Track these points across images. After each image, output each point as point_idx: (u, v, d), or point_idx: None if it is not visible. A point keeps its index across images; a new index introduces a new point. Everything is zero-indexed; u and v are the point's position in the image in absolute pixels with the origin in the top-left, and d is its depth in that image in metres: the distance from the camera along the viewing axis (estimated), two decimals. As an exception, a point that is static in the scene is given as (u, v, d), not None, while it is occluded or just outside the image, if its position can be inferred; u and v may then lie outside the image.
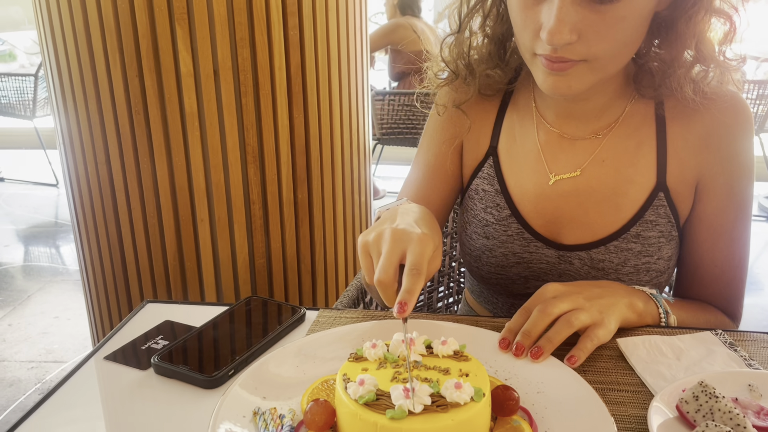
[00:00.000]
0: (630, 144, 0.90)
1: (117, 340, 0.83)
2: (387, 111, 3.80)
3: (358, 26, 1.79)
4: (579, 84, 0.79)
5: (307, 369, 0.73)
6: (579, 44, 0.75)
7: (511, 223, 0.96)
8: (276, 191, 1.66)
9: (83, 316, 2.77)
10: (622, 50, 0.79)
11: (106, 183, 1.65)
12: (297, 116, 1.63)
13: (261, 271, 1.71)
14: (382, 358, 0.65)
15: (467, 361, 0.66)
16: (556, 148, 0.94)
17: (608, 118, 0.91)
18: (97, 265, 1.78)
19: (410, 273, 0.66)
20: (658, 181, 0.90)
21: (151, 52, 1.50)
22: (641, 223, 0.90)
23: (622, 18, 0.74)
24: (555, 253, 0.95)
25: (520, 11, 0.78)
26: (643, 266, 0.91)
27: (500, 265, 0.98)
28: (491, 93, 0.98)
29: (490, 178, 0.98)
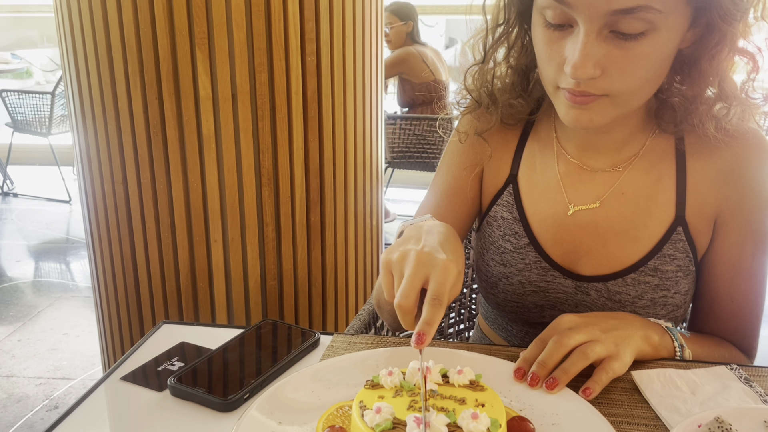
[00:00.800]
0: (650, 178, 0.91)
1: (133, 360, 0.84)
2: (398, 135, 3.83)
3: (373, 53, 1.81)
4: (601, 118, 0.80)
5: (322, 394, 0.73)
6: (602, 79, 0.75)
7: (528, 252, 0.96)
8: (289, 213, 1.68)
9: (92, 333, 2.78)
10: (645, 86, 0.79)
11: (122, 202, 1.67)
12: (312, 140, 1.65)
13: (272, 293, 1.72)
14: (399, 386, 0.65)
15: (483, 391, 0.66)
16: (576, 179, 0.94)
17: (628, 151, 0.92)
18: (110, 283, 1.80)
19: (431, 303, 0.65)
20: (677, 216, 0.90)
21: (171, 75, 1.53)
22: (659, 256, 0.90)
23: (645, 55, 0.74)
24: (572, 283, 0.95)
25: (545, 45, 0.79)
26: (660, 300, 0.91)
27: (516, 292, 0.98)
28: (513, 122, 0.98)
29: (509, 205, 0.98)
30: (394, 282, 0.70)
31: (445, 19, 7.86)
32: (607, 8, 0.71)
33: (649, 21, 0.72)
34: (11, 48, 7.76)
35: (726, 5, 0.74)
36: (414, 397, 0.64)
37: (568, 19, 0.75)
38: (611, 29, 0.73)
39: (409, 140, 3.84)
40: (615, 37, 0.74)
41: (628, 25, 0.72)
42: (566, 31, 0.76)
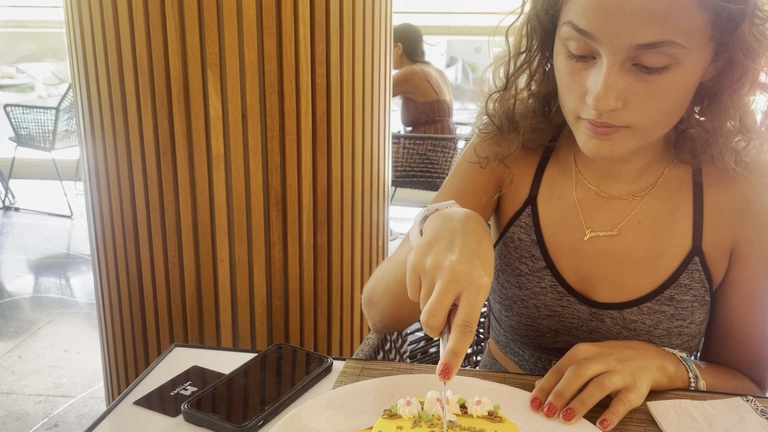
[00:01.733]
0: (667, 207, 0.91)
1: (146, 384, 0.84)
2: (402, 154, 3.84)
3: (382, 74, 1.83)
4: (621, 149, 0.80)
5: (338, 423, 0.72)
6: (623, 111, 0.76)
7: (545, 275, 0.96)
8: (296, 234, 1.68)
9: (93, 350, 2.76)
10: (666, 119, 0.80)
11: (130, 220, 1.67)
12: (320, 161, 1.66)
13: (278, 314, 1.71)
14: (417, 416, 0.65)
15: (502, 422, 0.66)
16: (594, 206, 0.94)
17: (646, 180, 0.92)
18: (114, 302, 1.79)
19: (462, 329, 0.62)
20: (694, 246, 0.90)
21: (182, 96, 1.54)
22: (675, 286, 0.90)
23: (667, 88, 0.75)
24: (587, 309, 0.95)
25: (567, 75, 0.79)
26: (676, 329, 0.91)
27: (531, 316, 0.98)
28: (534, 148, 0.98)
29: (527, 227, 0.98)
30: (422, 291, 0.67)
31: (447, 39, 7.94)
32: (631, 42, 0.71)
33: (673, 56, 0.72)
34: (15, 62, 7.81)
35: (749, 41, 0.74)
36: (433, 428, 0.63)
37: (591, 51, 0.76)
38: (634, 62, 0.74)
39: (412, 159, 3.85)
40: (638, 71, 0.74)
41: (652, 60, 0.72)
42: (589, 62, 0.77)
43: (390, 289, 0.88)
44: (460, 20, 6.22)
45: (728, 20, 0.74)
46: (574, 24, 0.75)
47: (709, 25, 0.73)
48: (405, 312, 0.89)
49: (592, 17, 0.73)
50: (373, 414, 0.67)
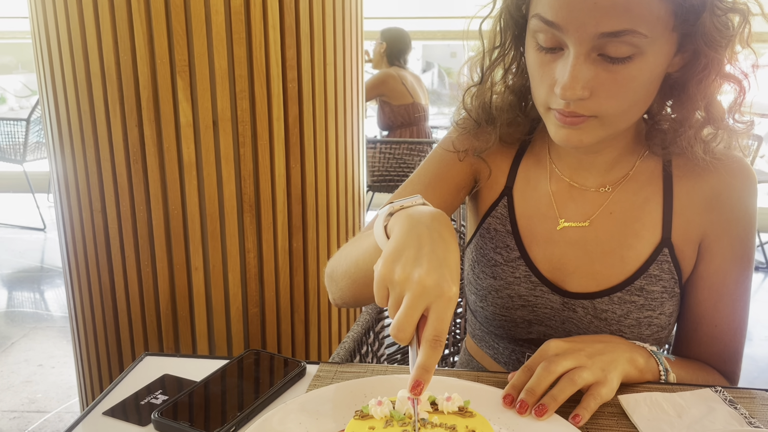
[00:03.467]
0: (637, 199, 0.93)
1: (116, 393, 0.82)
2: (378, 159, 3.85)
3: (354, 79, 1.83)
4: (590, 138, 0.82)
5: (310, 426, 0.72)
6: (591, 101, 0.78)
7: (519, 265, 0.97)
8: (271, 240, 1.67)
9: (68, 364, 2.71)
10: (633, 108, 0.82)
11: (101, 230, 1.65)
12: (294, 166, 1.65)
13: (254, 321, 1.70)
14: (389, 416, 0.65)
15: (472, 417, 0.66)
16: (567, 197, 0.96)
17: (618, 172, 0.94)
18: (87, 314, 1.76)
19: (431, 344, 0.61)
20: (663, 237, 0.92)
21: (152, 103, 1.52)
22: (645, 276, 0.92)
23: (632, 78, 0.77)
24: (560, 299, 0.96)
25: (537, 67, 0.82)
26: (645, 320, 0.92)
27: (505, 306, 0.99)
28: (511, 141, 1.00)
29: (503, 218, 1.00)
30: (390, 302, 0.66)
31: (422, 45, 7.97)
32: (595, 31, 0.74)
33: (636, 45, 0.75)
34: (-16, 74, 7.68)
35: (711, 33, 0.77)
36: (405, 427, 0.63)
37: (558, 43, 0.78)
38: (599, 52, 0.76)
39: (389, 164, 3.86)
40: (603, 60, 0.77)
41: (616, 49, 0.75)
42: (557, 54, 0.80)
43: (350, 273, 0.89)
44: (435, 25, 6.25)
45: (689, 11, 0.76)
46: (541, 16, 0.78)
47: (671, 15, 0.76)
48: (365, 294, 0.88)
49: (558, 8, 0.76)
50: (347, 416, 0.66)
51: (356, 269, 0.87)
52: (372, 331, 1.28)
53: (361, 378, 0.81)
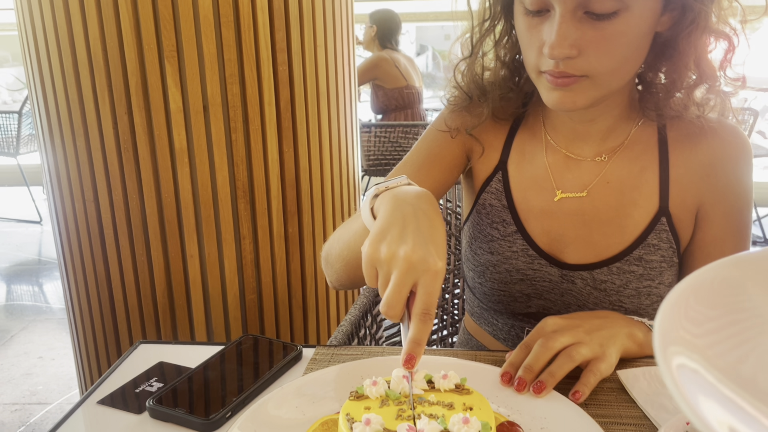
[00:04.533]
0: (634, 168, 0.93)
1: (110, 382, 0.82)
2: (373, 143, 3.83)
3: (346, 61, 1.81)
4: (583, 99, 0.82)
5: (306, 410, 0.71)
6: (580, 60, 0.78)
7: (516, 239, 0.97)
8: (266, 225, 1.65)
9: (68, 356, 2.71)
10: (624, 66, 0.82)
11: (94, 220, 1.63)
12: (287, 150, 1.64)
13: (252, 307, 1.69)
14: (384, 395, 0.64)
15: (470, 394, 0.65)
16: (563, 168, 0.96)
17: (614, 141, 0.94)
18: (84, 304, 1.76)
19: (421, 318, 0.63)
20: (661, 206, 0.91)
21: (141, 89, 1.50)
22: (644, 246, 0.91)
23: (619, 34, 0.77)
24: (558, 271, 0.96)
25: (526, 31, 0.82)
26: (645, 290, 0.92)
27: (503, 281, 0.99)
28: (504, 117, 1.00)
29: (498, 193, 0.99)
30: (379, 281, 0.67)
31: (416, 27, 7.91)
32: None
33: (621, 0, 0.75)
34: (-24, 68, 7.62)
35: None
36: (401, 406, 0.63)
37: (545, 4, 0.79)
38: (585, 10, 0.76)
39: (384, 147, 3.84)
40: (589, 18, 0.77)
41: (601, 5, 0.75)
42: (544, 16, 0.80)
43: (343, 255, 0.89)
44: (427, 6, 6.20)
45: None
46: None
47: None
48: (359, 275, 0.87)
49: None
50: (344, 399, 0.66)
51: (348, 251, 0.87)
52: (370, 314, 1.28)
53: (357, 360, 0.80)
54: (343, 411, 0.63)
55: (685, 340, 0.37)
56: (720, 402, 0.32)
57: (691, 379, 0.33)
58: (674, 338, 0.37)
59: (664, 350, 0.35)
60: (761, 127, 5.52)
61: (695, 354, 0.36)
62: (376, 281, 0.68)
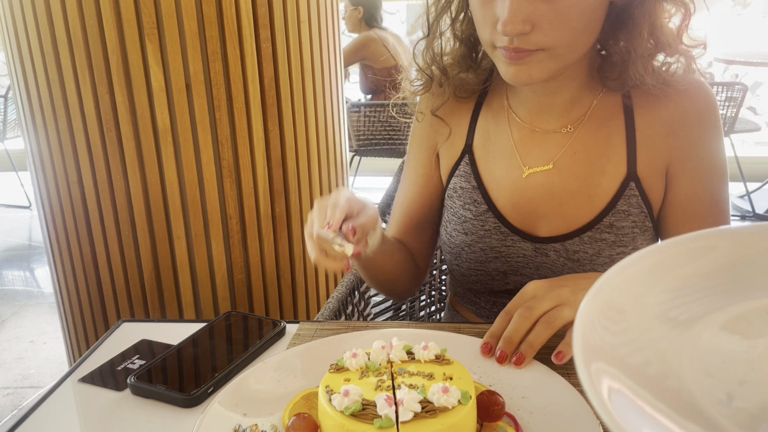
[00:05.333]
0: (600, 135, 0.92)
1: (92, 361, 0.81)
2: (363, 123, 3.80)
3: (331, 37, 1.78)
4: (539, 72, 0.81)
5: (288, 383, 0.71)
6: (534, 34, 0.77)
7: (488, 218, 0.97)
8: (253, 205, 1.64)
9: (59, 339, 2.71)
10: (579, 38, 0.81)
11: (79, 203, 1.62)
12: (272, 129, 1.62)
13: (240, 287, 1.69)
14: (364, 367, 0.64)
15: (450, 364, 0.65)
16: (529, 143, 0.95)
17: (578, 111, 0.93)
18: (72, 287, 1.75)
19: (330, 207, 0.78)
20: (629, 171, 0.91)
21: (122, 68, 1.48)
22: (614, 213, 0.91)
23: (572, 7, 0.77)
24: (531, 245, 0.96)
25: (479, 8, 0.81)
26: (618, 257, 0.92)
27: (479, 260, 0.99)
28: (466, 95, 0.99)
29: (467, 175, 0.99)
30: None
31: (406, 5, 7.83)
32: None
33: None
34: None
35: None
36: (380, 377, 0.63)
37: None
38: None
39: (374, 127, 3.81)
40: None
41: None
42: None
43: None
44: (416, -16, 6.13)
45: None
46: None
47: None
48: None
49: None
50: (325, 373, 0.66)
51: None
52: (357, 291, 1.28)
53: (340, 334, 0.80)
54: (322, 383, 0.63)
55: (606, 352, 0.37)
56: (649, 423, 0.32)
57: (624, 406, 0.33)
58: (597, 351, 0.36)
59: (587, 367, 0.34)
60: (751, 103, 5.52)
61: (615, 369, 0.36)
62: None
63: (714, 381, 0.37)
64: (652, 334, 0.40)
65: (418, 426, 0.56)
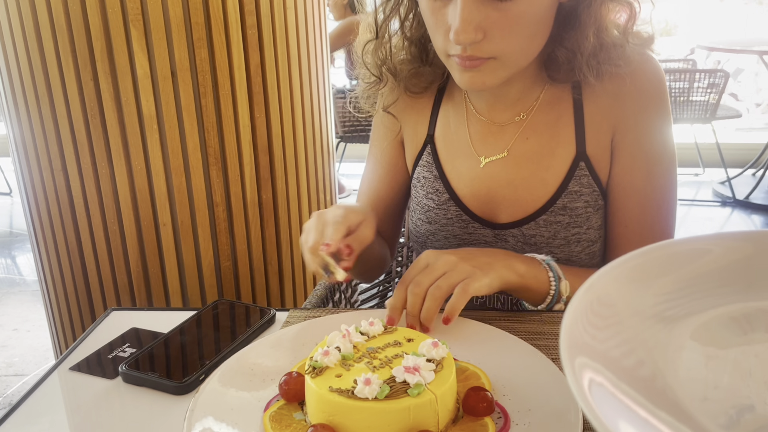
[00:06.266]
0: (550, 118, 0.94)
1: (82, 350, 0.82)
2: (349, 109, 3.79)
3: (317, 24, 1.78)
4: (493, 78, 0.83)
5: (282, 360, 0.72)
6: (486, 42, 0.78)
7: (450, 207, 1.00)
8: (240, 192, 1.64)
9: (43, 327, 2.69)
10: (530, 44, 0.82)
11: (63, 190, 1.61)
12: (258, 116, 1.62)
13: (227, 274, 1.69)
14: (341, 359, 0.64)
15: (397, 330, 0.69)
16: (486, 134, 0.97)
17: (530, 99, 0.95)
18: (57, 275, 1.74)
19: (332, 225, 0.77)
20: (578, 151, 0.92)
21: (106, 54, 1.46)
22: (566, 194, 0.92)
23: (523, 14, 0.77)
24: (491, 232, 0.98)
25: (431, 15, 0.82)
26: (573, 237, 0.94)
27: (443, 248, 1.01)
28: (419, 91, 1.00)
29: (429, 165, 1.01)
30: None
31: (390, -10, 7.78)
32: None
33: None
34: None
35: None
36: (364, 360, 0.64)
37: None
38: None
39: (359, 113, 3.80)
40: (492, 0, 0.76)
41: None
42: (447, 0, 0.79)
43: None
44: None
45: None
46: None
47: None
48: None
49: None
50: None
51: None
52: (344, 278, 1.29)
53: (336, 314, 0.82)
54: (316, 394, 0.60)
55: (590, 346, 0.38)
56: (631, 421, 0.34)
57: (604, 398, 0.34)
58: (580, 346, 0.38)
59: (571, 361, 0.36)
60: (733, 89, 5.59)
61: (599, 364, 0.37)
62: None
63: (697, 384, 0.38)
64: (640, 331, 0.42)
65: (440, 380, 0.60)
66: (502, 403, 0.64)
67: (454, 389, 0.62)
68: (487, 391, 0.63)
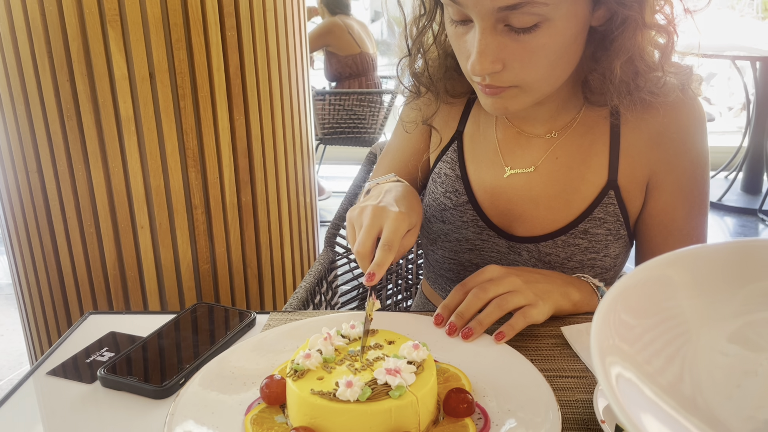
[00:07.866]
0: (584, 142, 0.93)
1: (59, 354, 0.81)
2: (328, 111, 3.79)
3: (296, 26, 1.78)
4: (515, 105, 0.82)
5: (263, 363, 0.72)
6: (505, 72, 0.77)
7: (467, 210, 0.99)
8: (219, 195, 1.63)
9: (17, 331, 2.65)
10: (552, 73, 0.80)
11: (39, 192, 1.58)
12: (238, 118, 1.61)
13: (206, 277, 1.68)
14: (323, 362, 0.64)
15: (377, 332, 0.70)
16: (514, 144, 0.96)
17: (564, 119, 0.93)
18: (32, 279, 1.71)
19: (382, 248, 0.74)
20: (609, 180, 0.91)
21: (83, 55, 1.45)
22: (590, 219, 0.92)
23: (542, 45, 0.75)
24: (506, 243, 0.97)
25: (455, 40, 0.81)
26: (589, 262, 0.94)
27: (453, 249, 1.01)
28: (456, 96, 1.00)
29: (453, 162, 1.01)
30: (356, 233, 0.78)
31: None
32: (492, 5, 0.72)
33: (539, 14, 0.72)
34: None
35: None
36: (346, 362, 0.64)
37: (466, 16, 0.76)
38: (505, 23, 0.74)
39: (339, 116, 3.80)
40: (510, 31, 0.75)
41: (519, 20, 0.73)
42: (468, 26, 0.78)
43: None
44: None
45: None
46: None
47: None
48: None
49: None
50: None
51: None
52: (325, 281, 1.29)
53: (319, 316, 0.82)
54: (299, 398, 0.60)
55: (622, 351, 0.38)
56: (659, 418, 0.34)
57: (630, 393, 0.34)
58: (610, 348, 0.38)
59: (602, 360, 0.36)
60: (706, 93, 5.68)
61: (633, 367, 0.37)
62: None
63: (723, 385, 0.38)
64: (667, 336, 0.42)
65: (421, 381, 0.60)
66: (483, 404, 0.64)
67: (435, 391, 0.63)
68: (467, 393, 0.63)
